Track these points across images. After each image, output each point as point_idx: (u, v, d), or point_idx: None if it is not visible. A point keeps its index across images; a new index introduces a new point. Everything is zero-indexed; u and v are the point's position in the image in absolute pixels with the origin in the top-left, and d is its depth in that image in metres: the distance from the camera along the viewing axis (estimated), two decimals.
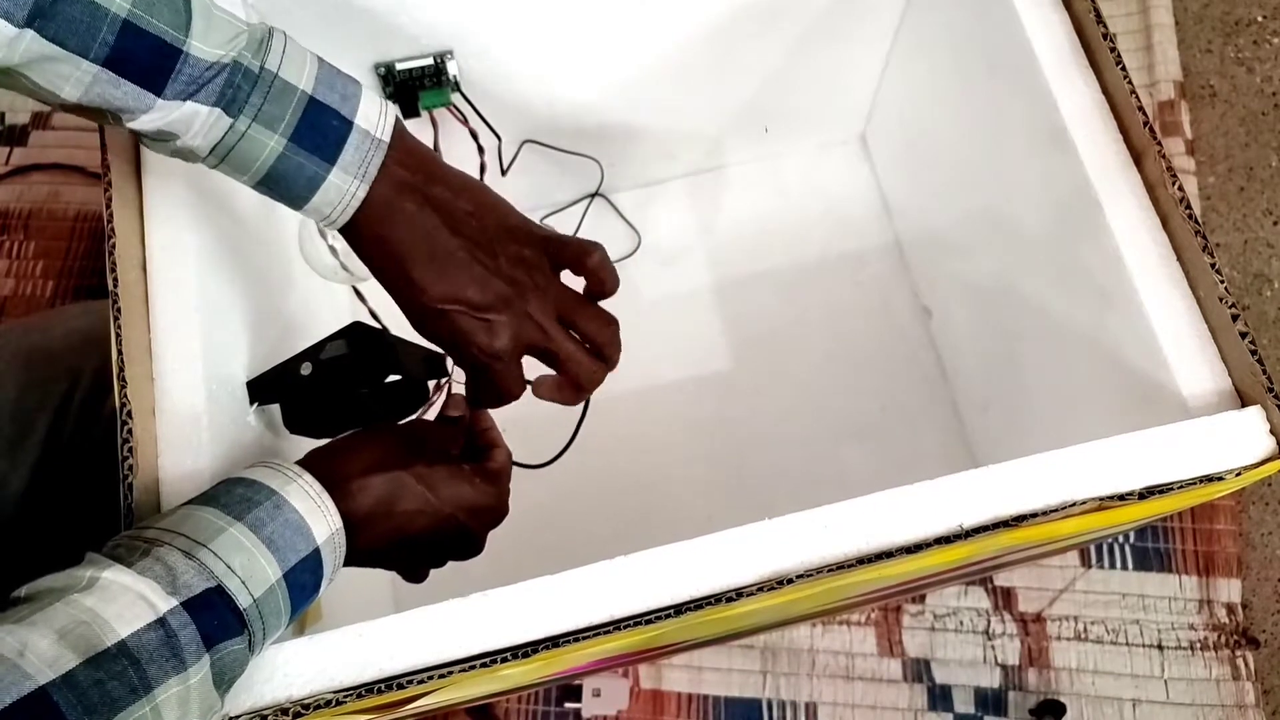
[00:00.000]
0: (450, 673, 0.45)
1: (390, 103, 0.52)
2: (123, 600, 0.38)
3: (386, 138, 0.50)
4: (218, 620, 0.40)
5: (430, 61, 0.75)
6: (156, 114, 0.46)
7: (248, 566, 0.42)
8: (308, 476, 0.47)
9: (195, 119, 0.47)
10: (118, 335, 0.51)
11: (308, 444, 0.54)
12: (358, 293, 0.78)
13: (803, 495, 0.50)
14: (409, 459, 0.51)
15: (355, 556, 0.49)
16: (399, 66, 0.74)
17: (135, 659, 0.37)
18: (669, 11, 0.78)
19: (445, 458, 0.54)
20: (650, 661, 0.89)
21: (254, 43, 0.48)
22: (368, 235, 0.51)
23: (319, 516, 0.45)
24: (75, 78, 0.44)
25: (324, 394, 0.59)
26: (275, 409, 0.62)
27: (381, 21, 0.70)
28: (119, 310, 0.51)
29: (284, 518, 0.44)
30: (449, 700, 0.53)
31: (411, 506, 0.50)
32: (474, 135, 0.77)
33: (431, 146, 0.78)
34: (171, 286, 0.56)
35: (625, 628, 0.46)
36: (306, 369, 0.58)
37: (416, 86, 0.76)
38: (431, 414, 0.65)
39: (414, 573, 0.56)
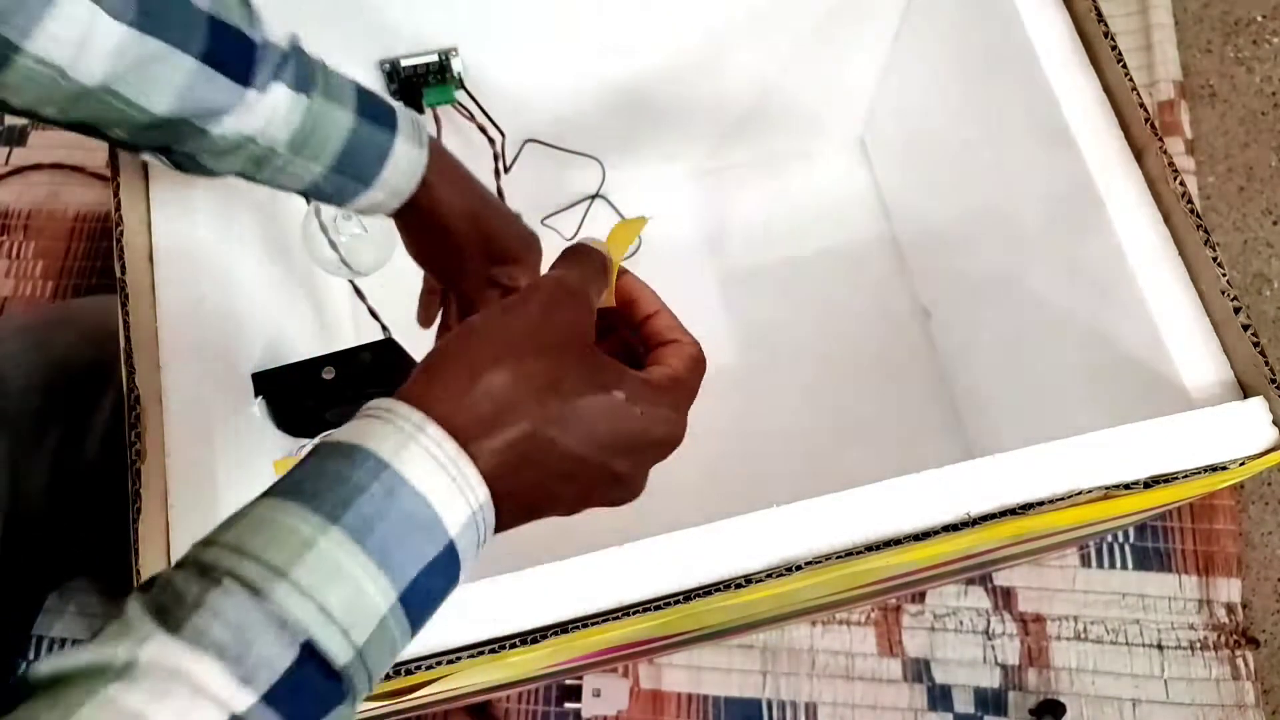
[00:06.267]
0: (459, 658, 0.45)
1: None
2: (177, 698, 0.27)
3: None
4: (310, 700, 0.29)
5: (435, 58, 0.75)
6: (242, 112, 0.46)
7: (349, 602, 0.29)
8: (432, 428, 0.32)
9: (278, 108, 0.47)
10: (125, 322, 0.51)
11: None
12: (356, 290, 0.78)
13: (802, 495, 0.50)
14: (546, 390, 0.34)
15: None
16: (404, 63, 0.74)
17: None
18: (671, 12, 0.78)
19: (590, 372, 0.36)
20: (654, 656, 0.89)
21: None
22: (426, 208, 0.56)
23: (453, 494, 0.31)
24: (171, 81, 0.43)
25: (332, 399, 0.59)
26: None
27: (387, 18, 0.71)
28: (126, 297, 0.52)
29: (401, 509, 0.30)
30: (457, 687, 0.52)
31: (554, 461, 0.34)
32: (483, 130, 0.78)
33: None
34: (177, 276, 0.56)
35: (634, 613, 0.46)
36: (329, 373, 0.59)
37: (421, 83, 0.76)
38: None
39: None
